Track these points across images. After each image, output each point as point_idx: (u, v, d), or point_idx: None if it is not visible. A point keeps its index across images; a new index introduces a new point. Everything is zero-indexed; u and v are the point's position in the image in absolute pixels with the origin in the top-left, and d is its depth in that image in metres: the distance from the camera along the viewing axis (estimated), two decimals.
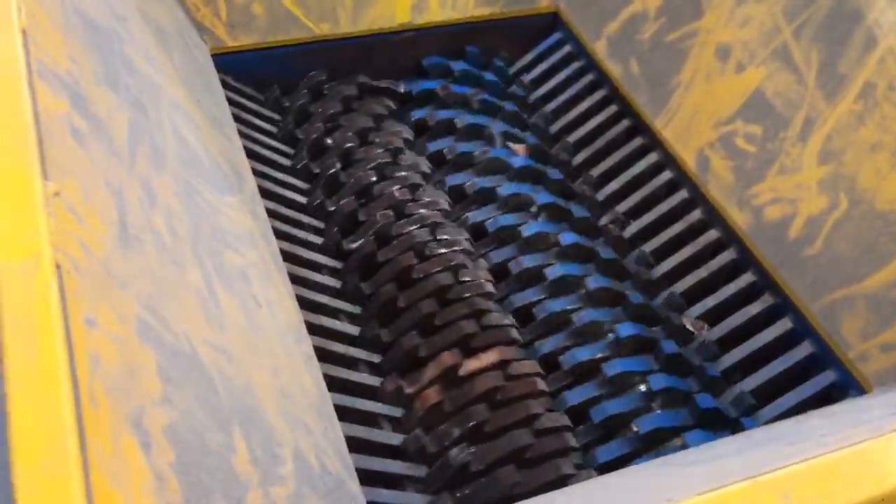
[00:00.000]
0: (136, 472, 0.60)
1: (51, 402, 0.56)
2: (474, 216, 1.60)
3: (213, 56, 1.69)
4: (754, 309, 1.43)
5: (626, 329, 1.41)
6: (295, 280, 1.36)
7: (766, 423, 1.31)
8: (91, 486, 0.53)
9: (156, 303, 0.77)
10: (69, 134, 0.80)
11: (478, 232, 1.59)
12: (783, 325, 1.40)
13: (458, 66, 1.92)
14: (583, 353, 1.38)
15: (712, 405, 1.33)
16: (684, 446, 1.25)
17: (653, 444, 1.28)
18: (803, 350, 1.37)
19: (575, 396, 1.34)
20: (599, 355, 1.38)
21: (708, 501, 0.57)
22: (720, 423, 1.33)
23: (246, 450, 0.79)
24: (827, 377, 1.33)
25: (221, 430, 0.76)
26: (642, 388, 1.35)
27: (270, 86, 1.80)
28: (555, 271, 1.50)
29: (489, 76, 1.93)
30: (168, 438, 0.66)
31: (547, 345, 1.42)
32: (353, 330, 1.41)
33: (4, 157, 0.70)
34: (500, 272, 1.52)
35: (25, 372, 0.58)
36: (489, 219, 1.59)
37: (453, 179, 1.68)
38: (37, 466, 0.54)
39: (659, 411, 1.32)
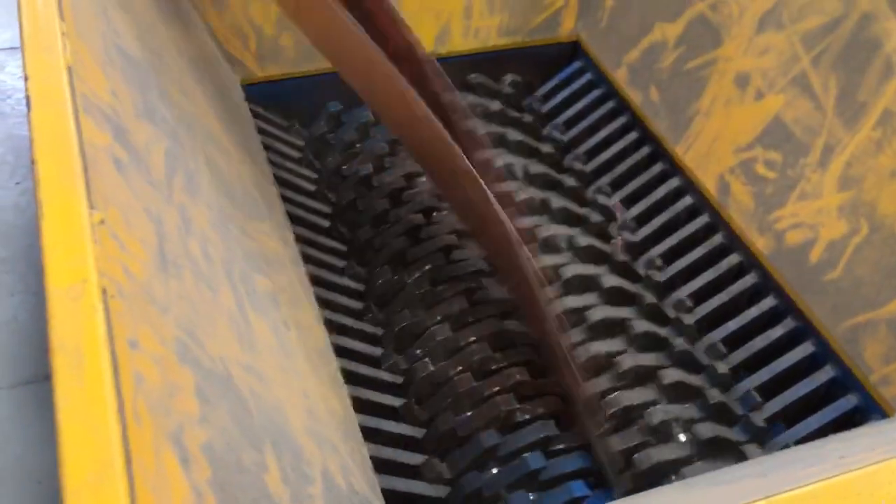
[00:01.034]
0: (177, 488, 0.63)
1: (98, 419, 0.59)
2: None
3: (243, 86, 1.75)
4: (776, 333, 1.45)
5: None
6: (322, 303, 1.40)
7: (788, 446, 1.31)
8: (136, 499, 0.56)
9: (193, 326, 0.80)
10: (112, 165, 0.84)
11: None
12: (805, 350, 1.41)
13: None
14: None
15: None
16: None
17: None
18: (825, 374, 1.38)
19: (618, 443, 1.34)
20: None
21: None
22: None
23: (277, 469, 0.81)
24: (849, 401, 1.34)
25: (255, 449, 0.79)
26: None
27: (298, 114, 1.85)
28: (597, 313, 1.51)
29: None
30: (206, 456, 0.69)
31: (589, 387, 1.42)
32: (376, 351, 1.44)
33: (54, 188, 0.74)
34: None
35: (74, 390, 0.61)
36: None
37: None
38: (85, 481, 0.57)
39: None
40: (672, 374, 1.41)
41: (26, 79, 0.85)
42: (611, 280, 1.56)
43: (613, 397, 1.37)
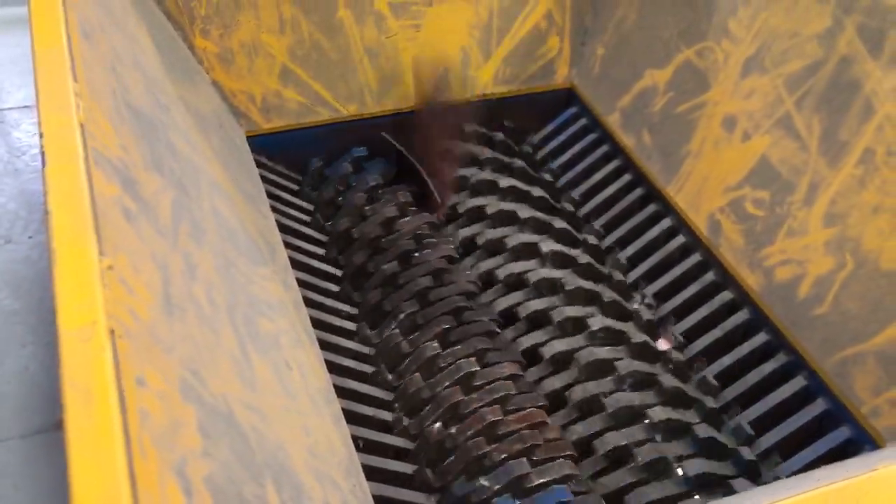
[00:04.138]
0: None
1: (106, 452, 0.63)
2: (505, 301, 1.66)
3: (248, 138, 1.81)
4: (769, 367, 1.48)
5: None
6: (324, 346, 1.44)
7: (780, 479, 1.33)
8: None
9: (196, 365, 0.85)
10: (121, 214, 0.89)
11: (505, 315, 1.66)
12: (797, 383, 1.44)
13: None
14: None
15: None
16: None
17: None
18: (818, 407, 1.40)
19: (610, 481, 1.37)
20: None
21: None
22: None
23: (279, 502, 0.85)
24: (842, 433, 1.36)
25: (256, 483, 0.82)
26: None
27: (301, 164, 1.91)
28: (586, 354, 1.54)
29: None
30: (208, 488, 0.72)
31: (580, 427, 1.45)
32: (384, 394, 1.47)
33: (66, 237, 0.79)
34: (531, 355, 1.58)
35: (84, 425, 0.65)
36: (518, 304, 1.65)
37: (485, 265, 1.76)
38: None
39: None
40: (660, 413, 1.44)
41: (41, 136, 0.91)
42: (602, 321, 1.59)
43: (604, 438, 1.40)
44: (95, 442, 0.64)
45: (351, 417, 1.34)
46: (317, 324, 1.48)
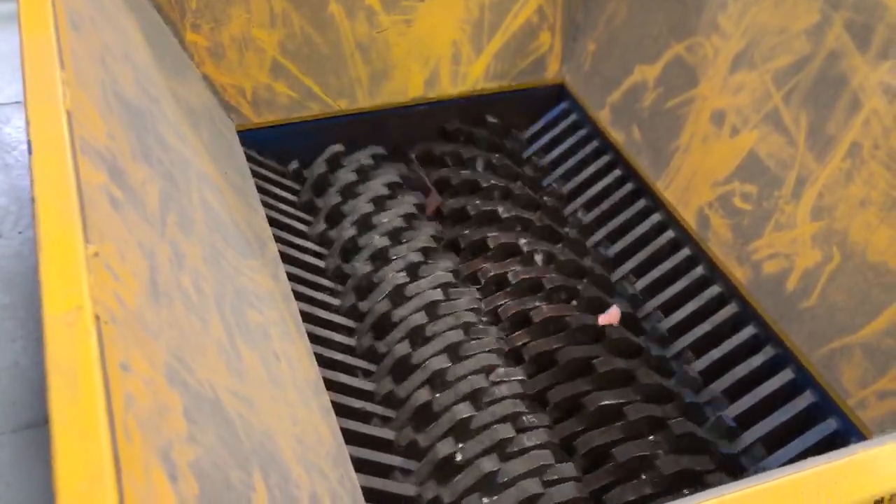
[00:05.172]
0: (165, 501, 0.66)
1: (90, 434, 0.63)
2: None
3: (239, 132, 1.81)
4: (757, 361, 1.48)
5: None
6: (314, 339, 1.44)
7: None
8: None
9: (183, 353, 0.85)
10: (107, 202, 0.89)
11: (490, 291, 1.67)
12: (785, 376, 1.45)
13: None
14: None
15: None
16: None
17: None
18: (805, 399, 1.41)
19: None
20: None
21: None
22: None
23: (265, 489, 0.85)
24: (829, 425, 1.37)
25: (242, 470, 0.82)
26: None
27: (292, 158, 1.91)
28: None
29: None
30: (193, 473, 0.72)
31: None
32: (369, 386, 1.48)
33: (52, 223, 0.79)
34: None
35: (68, 408, 0.65)
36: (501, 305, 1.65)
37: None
38: (77, 491, 0.61)
39: None
40: (641, 408, 1.44)
41: (28, 123, 0.91)
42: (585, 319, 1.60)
43: (585, 437, 1.41)
44: (79, 425, 0.64)
45: (339, 410, 1.34)
46: (306, 317, 1.48)
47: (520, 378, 1.49)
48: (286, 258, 1.58)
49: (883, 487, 0.67)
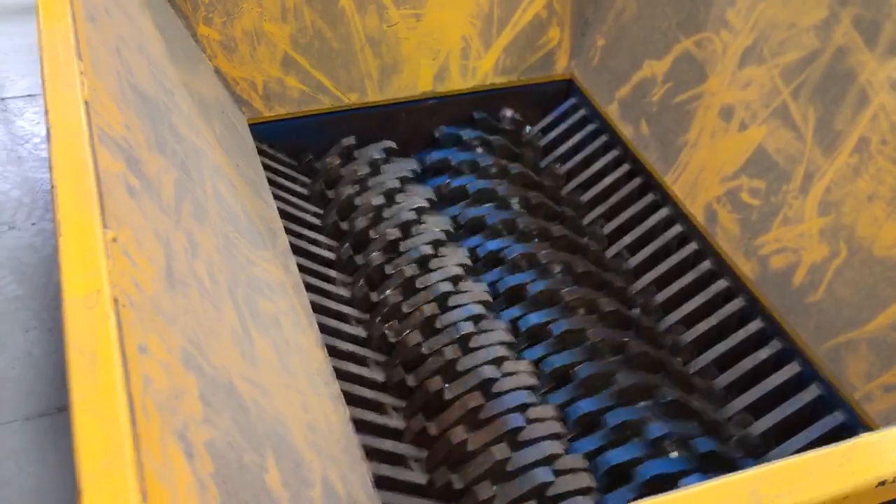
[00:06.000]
0: (182, 478, 0.68)
1: (109, 412, 0.65)
2: (488, 276, 1.70)
3: (251, 125, 1.83)
4: (763, 354, 1.49)
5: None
6: (324, 329, 1.46)
7: None
8: (145, 482, 0.61)
9: (198, 338, 0.86)
10: (125, 190, 0.91)
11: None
12: (791, 370, 1.45)
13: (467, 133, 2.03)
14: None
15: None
16: None
17: None
18: (811, 393, 1.42)
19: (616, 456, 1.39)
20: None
21: (684, 498, 0.63)
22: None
23: (277, 471, 0.87)
24: (835, 418, 1.38)
25: (256, 452, 0.84)
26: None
27: (303, 151, 1.93)
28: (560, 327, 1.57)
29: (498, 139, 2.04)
30: (209, 452, 0.74)
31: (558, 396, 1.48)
32: (379, 376, 1.49)
33: (72, 209, 0.81)
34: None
35: (88, 388, 0.67)
36: (499, 280, 1.68)
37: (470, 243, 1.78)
38: (99, 466, 0.62)
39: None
40: (665, 393, 1.46)
41: (46, 112, 0.92)
42: (609, 304, 1.61)
43: (609, 415, 1.42)
44: (99, 404, 0.66)
45: (349, 399, 1.36)
46: (316, 308, 1.50)
47: (530, 371, 1.50)
48: (297, 250, 1.60)
49: (886, 470, 0.68)
